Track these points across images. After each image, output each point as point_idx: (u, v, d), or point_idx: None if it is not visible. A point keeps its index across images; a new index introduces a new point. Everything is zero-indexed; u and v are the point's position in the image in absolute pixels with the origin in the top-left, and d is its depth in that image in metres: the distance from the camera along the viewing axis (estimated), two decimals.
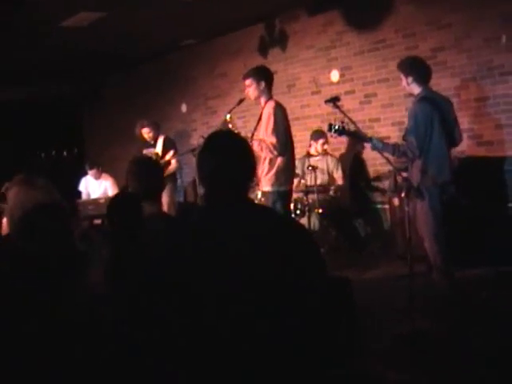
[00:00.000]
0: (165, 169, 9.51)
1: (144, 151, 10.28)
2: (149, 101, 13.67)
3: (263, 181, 7.09)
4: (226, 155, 2.83)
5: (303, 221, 8.70)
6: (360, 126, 7.33)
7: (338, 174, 9.63)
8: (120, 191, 8.32)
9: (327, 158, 9.67)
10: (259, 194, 7.46)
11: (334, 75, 10.21)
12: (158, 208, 4.39)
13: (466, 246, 7.20)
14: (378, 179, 9.57)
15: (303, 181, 9.17)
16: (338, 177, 9.62)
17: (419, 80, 6.82)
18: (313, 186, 8.83)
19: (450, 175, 6.73)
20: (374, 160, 9.34)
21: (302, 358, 2.65)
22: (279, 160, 7.00)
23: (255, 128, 7.39)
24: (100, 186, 11.42)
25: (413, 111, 6.78)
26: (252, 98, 7.31)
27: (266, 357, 2.59)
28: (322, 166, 9.42)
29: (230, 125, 7.39)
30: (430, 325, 5.76)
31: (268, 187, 7.04)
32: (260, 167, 7.03)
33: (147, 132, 10.31)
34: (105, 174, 11.59)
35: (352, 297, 4.03)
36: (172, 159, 10.04)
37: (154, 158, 10.03)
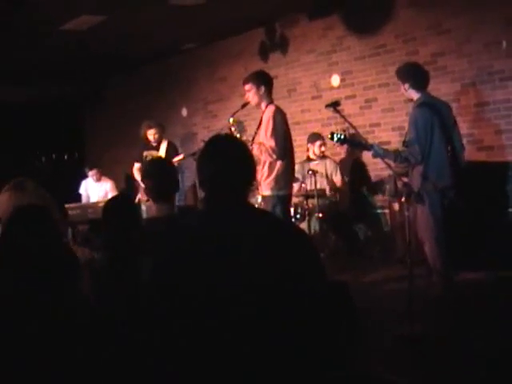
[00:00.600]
0: None
1: (144, 153, 10.19)
2: (149, 104, 13.66)
3: (263, 185, 7.09)
4: (226, 159, 2.82)
5: (303, 225, 8.71)
6: (360, 130, 7.35)
7: (337, 177, 9.64)
8: (116, 194, 8.34)
9: (326, 161, 9.68)
10: (259, 199, 7.46)
11: (335, 80, 10.22)
12: (170, 209, 4.40)
13: (466, 250, 7.20)
14: (379, 184, 9.56)
15: (303, 185, 9.17)
16: (337, 180, 9.63)
17: (416, 86, 6.86)
18: (313, 191, 8.83)
19: (450, 180, 6.74)
20: (374, 165, 9.34)
21: (302, 360, 2.65)
22: (279, 164, 7.00)
23: (255, 132, 7.40)
24: (100, 189, 11.42)
25: (413, 117, 6.81)
26: (252, 103, 7.32)
27: (266, 360, 2.59)
28: (321, 170, 9.42)
29: (233, 128, 7.40)
30: (429, 328, 5.77)
31: (268, 191, 7.04)
32: (260, 171, 7.03)
33: (153, 133, 10.11)
34: (104, 177, 11.60)
35: (351, 300, 4.03)
36: (177, 163, 9.91)
37: None
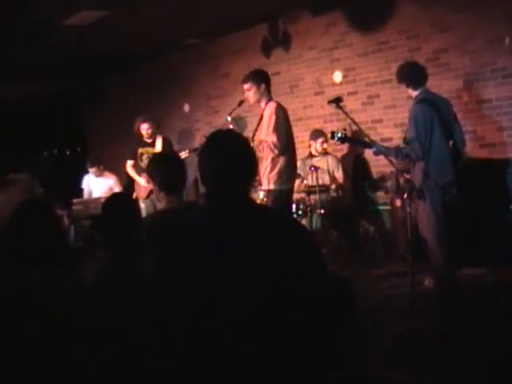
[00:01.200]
0: None
1: (139, 150, 10.13)
2: (151, 100, 13.66)
3: (265, 179, 7.12)
4: (227, 155, 2.83)
5: (305, 221, 8.72)
6: (362, 127, 7.35)
7: (339, 173, 9.64)
8: (115, 192, 8.33)
9: (328, 157, 9.68)
10: (261, 194, 7.47)
11: (337, 76, 10.21)
12: (180, 202, 4.42)
13: (467, 247, 7.20)
14: (381, 180, 9.56)
15: (305, 181, 9.16)
16: (339, 176, 9.63)
17: (412, 84, 6.99)
18: (315, 187, 8.83)
19: (451, 176, 6.76)
20: (376, 161, 9.32)
21: (302, 358, 2.65)
22: (281, 159, 7.04)
23: (256, 129, 7.41)
24: (103, 184, 11.40)
25: (412, 113, 6.88)
26: (252, 101, 7.33)
27: (267, 357, 2.59)
28: (323, 166, 9.42)
29: (231, 126, 7.41)
30: (430, 325, 5.77)
31: (271, 185, 7.09)
32: (262, 167, 7.05)
33: (146, 128, 10.02)
34: (107, 172, 11.58)
35: (353, 297, 4.03)
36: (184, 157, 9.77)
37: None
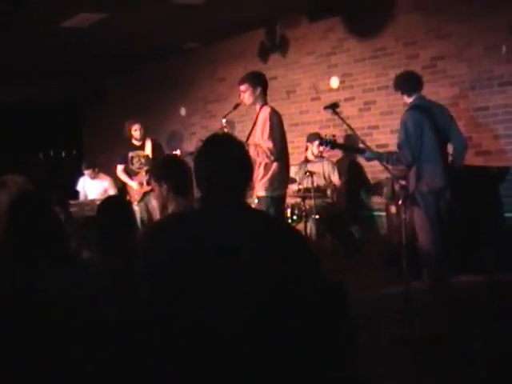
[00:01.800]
0: None
1: (130, 153, 10.15)
2: (149, 103, 13.67)
3: (258, 186, 7.08)
4: (224, 159, 2.82)
5: (300, 226, 8.72)
6: (358, 133, 7.35)
7: (334, 176, 9.66)
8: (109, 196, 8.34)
9: (324, 162, 9.69)
10: (256, 199, 7.46)
11: (334, 82, 10.23)
12: (189, 204, 4.45)
13: (462, 254, 7.22)
14: (376, 186, 9.57)
15: (300, 186, 9.18)
16: (335, 179, 9.65)
17: (406, 92, 7.10)
18: (310, 192, 8.84)
19: (444, 181, 6.79)
20: (371, 167, 9.33)
21: (301, 360, 2.66)
22: (274, 165, 6.98)
23: (250, 133, 7.38)
24: (98, 186, 11.41)
25: (403, 119, 6.98)
26: (247, 103, 7.29)
27: (265, 359, 2.60)
28: (318, 171, 9.43)
29: (226, 129, 7.40)
30: (425, 329, 5.79)
31: (262, 192, 7.02)
32: (255, 172, 7.02)
33: (137, 129, 10.04)
34: (102, 174, 11.58)
35: (345, 301, 4.04)
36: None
37: (144, 160, 10.02)
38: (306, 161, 9.70)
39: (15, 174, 4.99)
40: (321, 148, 7.22)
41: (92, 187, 11.45)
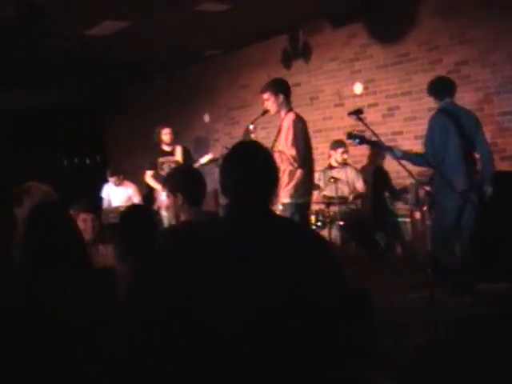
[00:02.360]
0: None
1: (160, 159, 10.17)
2: (171, 110, 13.72)
3: (282, 192, 7.08)
4: (251, 166, 2.84)
5: (324, 232, 8.70)
6: (383, 139, 7.35)
7: (359, 183, 9.63)
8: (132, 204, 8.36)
9: (347, 168, 9.67)
10: (280, 206, 7.45)
11: (358, 88, 10.22)
12: (200, 215, 4.45)
13: (487, 261, 7.18)
14: (401, 192, 9.53)
15: (324, 193, 9.17)
16: (360, 187, 9.62)
17: (436, 97, 7.26)
18: (334, 198, 8.83)
19: (467, 184, 6.81)
20: (396, 173, 9.32)
21: (314, 363, 2.67)
22: (298, 172, 6.95)
23: (275, 139, 7.38)
24: (123, 193, 11.44)
25: (428, 123, 7.11)
26: (272, 111, 7.28)
27: (279, 361, 2.61)
28: (342, 177, 9.42)
29: (253, 135, 7.38)
30: (448, 335, 5.76)
31: (287, 199, 7.00)
32: (280, 179, 7.00)
33: (167, 133, 10.10)
34: (127, 181, 11.60)
35: (370, 306, 4.03)
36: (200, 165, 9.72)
37: (174, 166, 9.99)
38: (330, 167, 9.68)
39: (39, 181, 5.01)
40: (349, 142, 7.18)
41: (116, 194, 11.48)
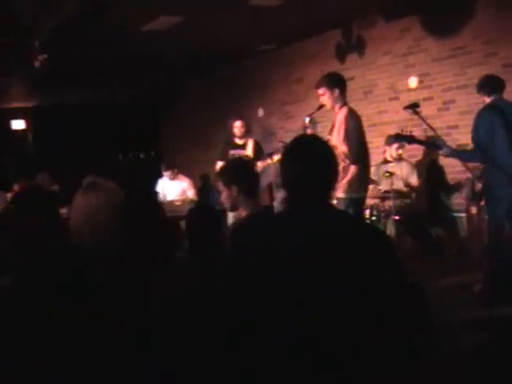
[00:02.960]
0: None
1: (231, 152, 10.16)
2: (225, 104, 13.79)
3: (336, 187, 7.07)
4: (311, 160, 2.86)
5: (379, 227, 8.69)
6: (438, 132, 7.30)
7: (413, 179, 9.57)
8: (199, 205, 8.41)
9: (402, 163, 9.62)
10: (335, 201, 7.45)
11: (413, 81, 10.15)
12: (257, 207, 4.53)
13: None
14: (456, 186, 9.47)
15: (379, 187, 9.15)
16: (414, 182, 9.56)
17: (485, 93, 7.18)
18: (389, 192, 8.81)
19: None
20: (452, 167, 9.25)
21: (372, 360, 2.68)
22: (353, 167, 6.90)
23: (329, 134, 7.37)
24: (177, 187, 11.52)
25: (475, 119, 7.10)
26: (327, 106, 7.25)
27: (341, 357, 2.64)
28: (397, 172, 9.37)
29: (309, 130, 7.38)
30: (504, 332, 5.72)
31: (341, 194, 6.99)
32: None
33: (239, 126, 10.01)
34: (181, 175, 11.67)
35: (426, 302, 4.03)
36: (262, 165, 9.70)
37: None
38: (385, 161, 9.64)
39: (99, 176, 5.06)
40: (399, 142, 7.18)
41: (171, 188, 11.56)
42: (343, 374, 2.63)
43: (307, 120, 7.47)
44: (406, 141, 6.76)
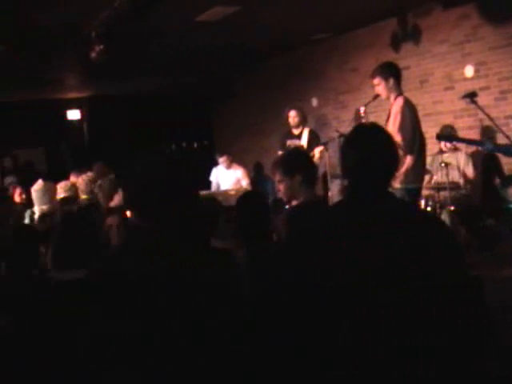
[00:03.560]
0: None
1: (288, 142, 10.15)
2: (278, 94, 13.78)
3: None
4: (371, 148, 2.88)
5: None
6: (496, 122, 7.21)
7: (469, 170, 9.45)
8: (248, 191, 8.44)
9: (458, 154, 9.50)
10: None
11: (469, 70, 10.01)
12: (314, 196, 4.62)
13: None
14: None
15: (435, 177, 9.06)
16: (470, 173, 9.44)
17: None
18: (444, 183, 8.72)
19: None
20: (508, 158, 9.11)
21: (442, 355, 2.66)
22: (408, 158, 6.89)
23: (385, 124, 7.33)
24: (232, 176, 11.56)
25: None
26: (383, 96, 7.24)
27: (403, 348, 2.62)
28: (453, 162, 9.26)
29: (364, 119, 7.35)
30: None
31: (397, 184, 6.96)
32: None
33: (293, 116, 10.12)
34: (235, 164, 11.72)
35: (483, 295, 3.99)
36: (319, 155, 9.73)
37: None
38: (441, 151, 9.53)
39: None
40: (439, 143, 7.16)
41: (225, 177, 11.62)
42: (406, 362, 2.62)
43: (362, 109, 7.44)
44: (447, 140, 6.70)
